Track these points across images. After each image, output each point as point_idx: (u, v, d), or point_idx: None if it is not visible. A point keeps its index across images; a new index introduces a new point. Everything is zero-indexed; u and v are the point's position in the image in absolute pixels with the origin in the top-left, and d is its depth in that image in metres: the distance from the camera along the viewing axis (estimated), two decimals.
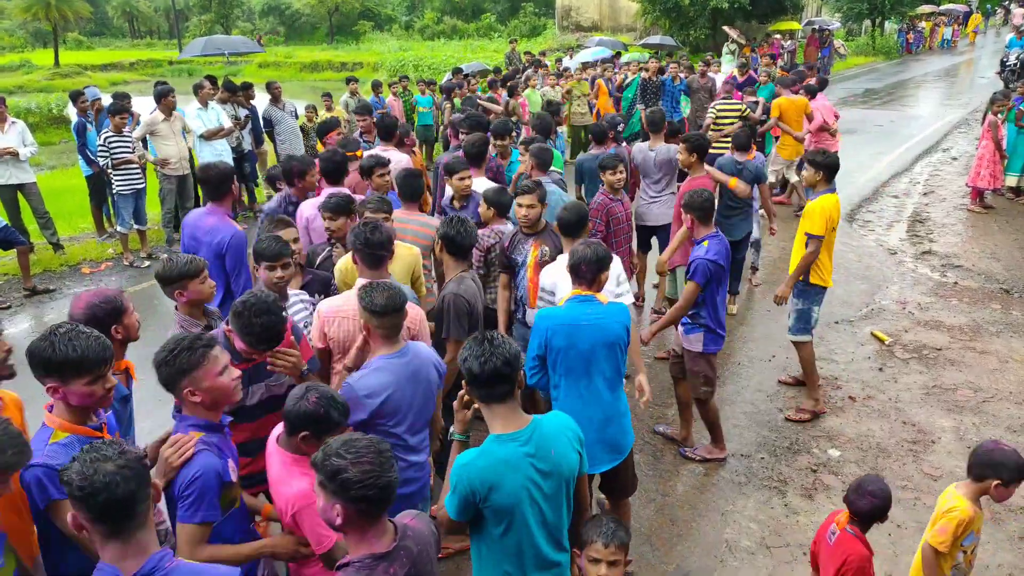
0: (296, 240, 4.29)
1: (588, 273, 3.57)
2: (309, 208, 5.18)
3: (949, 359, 6.51)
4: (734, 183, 6.50)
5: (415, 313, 3.61)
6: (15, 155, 8.37)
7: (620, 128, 7.97)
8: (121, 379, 3.15)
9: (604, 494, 4.01)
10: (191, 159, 9.37)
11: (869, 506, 3.13)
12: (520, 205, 4.74)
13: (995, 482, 3.16)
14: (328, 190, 5.18)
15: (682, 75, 13.39)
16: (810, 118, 9.98)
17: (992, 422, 5.55)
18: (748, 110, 10.10)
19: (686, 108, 13.19)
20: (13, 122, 8.65)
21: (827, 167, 5.38)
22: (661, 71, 13.51)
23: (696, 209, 4.78)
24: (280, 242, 3.79)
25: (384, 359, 3.12)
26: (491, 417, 2.56)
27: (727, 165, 6.84)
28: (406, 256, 4.44)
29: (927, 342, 6.81)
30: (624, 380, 3.76)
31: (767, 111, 10.42)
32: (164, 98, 8.92)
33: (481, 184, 5.68)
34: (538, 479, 2.52)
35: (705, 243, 4.72)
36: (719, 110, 9.97)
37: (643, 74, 13.41)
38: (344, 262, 4.20)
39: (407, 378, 3.14)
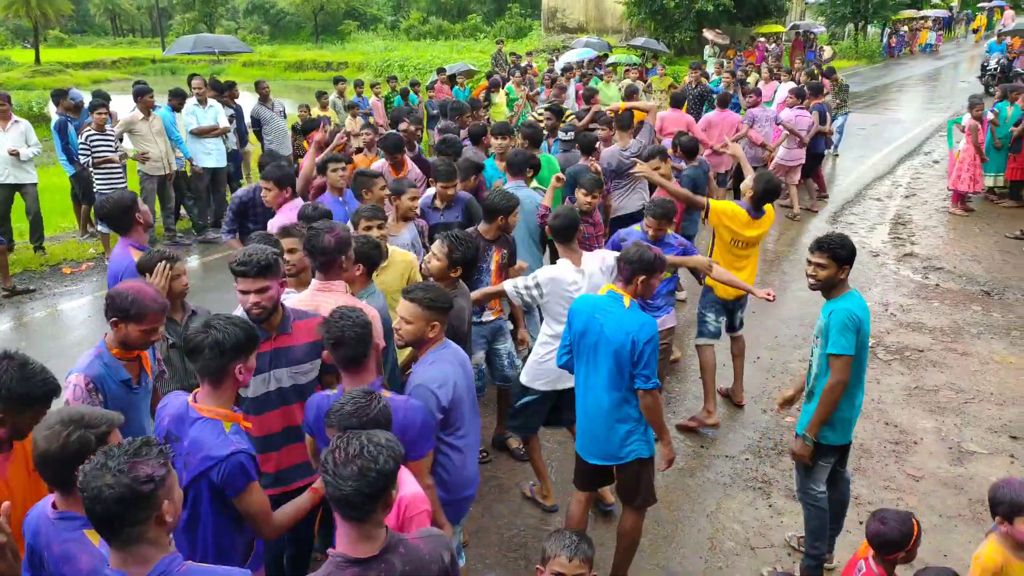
0: (297, 250, 3.96)
1: (625, 271, 3.59)
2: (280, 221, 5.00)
3: (931, 360, 6.57)
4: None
5: (371, 313, 3.55)
6: (16, 155, 8.29)
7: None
8: (132, 367, 3.16)
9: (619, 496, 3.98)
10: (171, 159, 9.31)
11: (873, 532, 2.96)
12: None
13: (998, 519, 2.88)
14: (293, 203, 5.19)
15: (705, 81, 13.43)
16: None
17: (973, 423, 5.60)
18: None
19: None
20: (16, 121, 8.56)
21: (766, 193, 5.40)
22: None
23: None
24: (270, 246, 3.73)
25: (435, 352, 3.19)
26: None
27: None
28: (400, 262, 4.42)
29: (909, 343, 6.87)
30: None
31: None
32: (141, 97, 8.88)
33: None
34: None
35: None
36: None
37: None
38: None
39: (461, 365, 3.24)
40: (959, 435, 5.45)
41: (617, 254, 3.85)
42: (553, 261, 6.43)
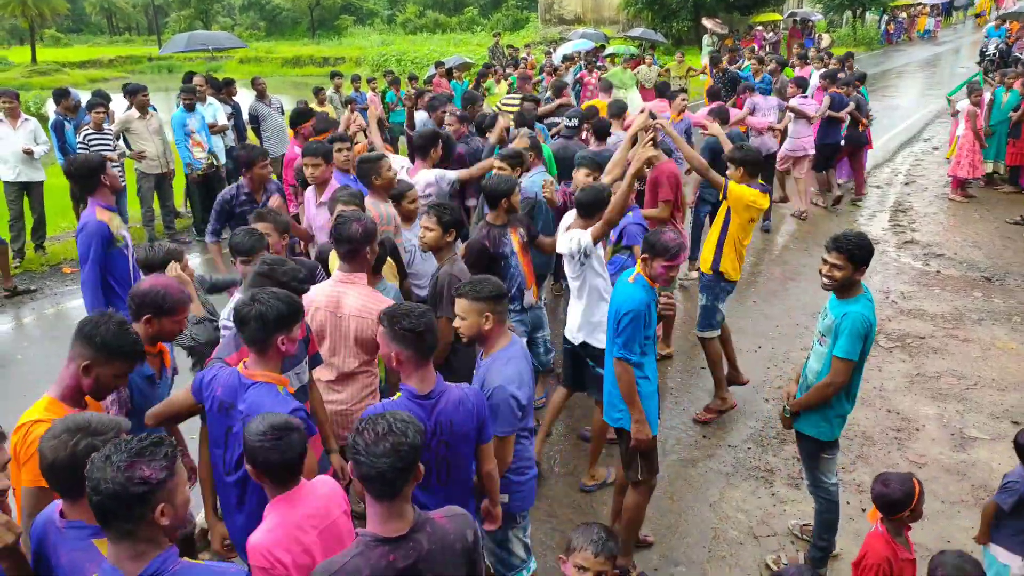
0: (272, 234, 4.13)
1: (642, 250, 3.77)
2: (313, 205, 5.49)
3: (932, 347, 6.57)
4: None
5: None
6: (30, 154, 8.32)
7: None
8: (155, 362, 3.23)
9: None
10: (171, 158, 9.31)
11: (877, 494, 3.11)
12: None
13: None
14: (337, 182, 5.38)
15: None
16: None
17: (975, 409, 5.61)
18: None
19: None
20: (26, 119, 8.57)
21: (746, 162, 5.34)
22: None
23: None
24: (255, 236, 3.80)
25: (506, 351, 3.19)
26: None
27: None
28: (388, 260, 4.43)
29: (910, 331, 6.87)
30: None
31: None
32: (135, 96, 8.90)
33: (425, 176, 5.66)
34: None
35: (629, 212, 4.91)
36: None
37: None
38: (334, 254, 4.20)
39: (527, 359, 3.27)
40: (961, 421, 5.45)
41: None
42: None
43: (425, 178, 5.60)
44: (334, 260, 4.13)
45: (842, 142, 10.44)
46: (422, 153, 5.83)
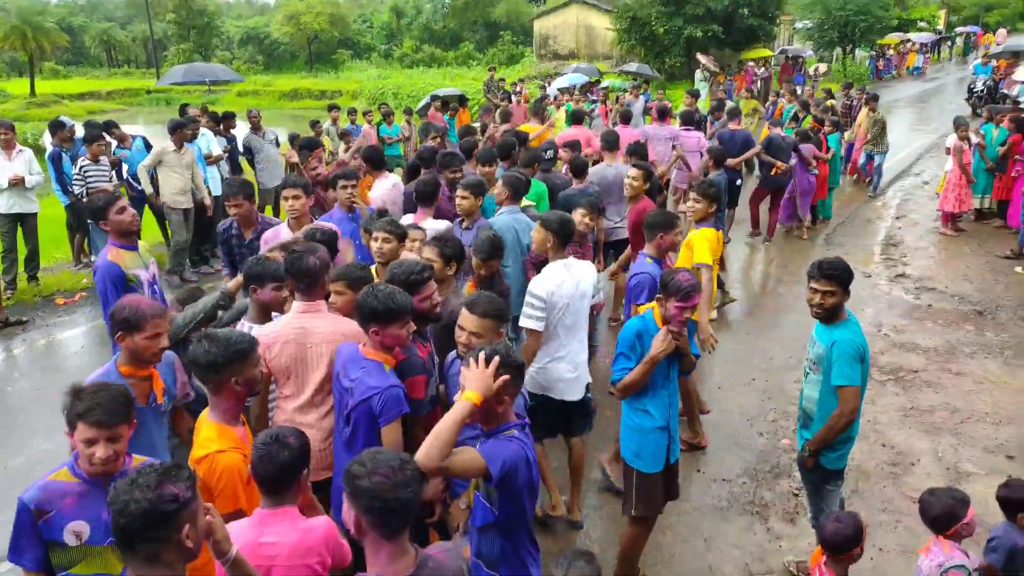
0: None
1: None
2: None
3: (925, 381, 6.57)
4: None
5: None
6: (22, 182, 8.32)
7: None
8: (141, 387, 3.25)
9: None
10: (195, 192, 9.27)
11: (832, 532, 3.16)
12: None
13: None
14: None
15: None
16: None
17: (969, 443, 5.60)
18: None
19: None
20: (21, 150, 8.59)
21: (717, 199, 5.55)
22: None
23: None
24: (276, 263, 3.84)
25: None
26: None
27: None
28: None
29: (903, 364, 6.88)
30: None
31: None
32: (178, 131, 8.86)
33: (434, 225, 5.55)
34: None
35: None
36: None
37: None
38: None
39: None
40: (956, 456, 5.44)
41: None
42: None
43: (435, 227, 5.55)
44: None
45: (739, 181, 9.72)
46: (427, 202, 5.77)
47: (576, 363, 4.42)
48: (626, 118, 10.20)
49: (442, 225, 5.56)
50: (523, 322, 4.27)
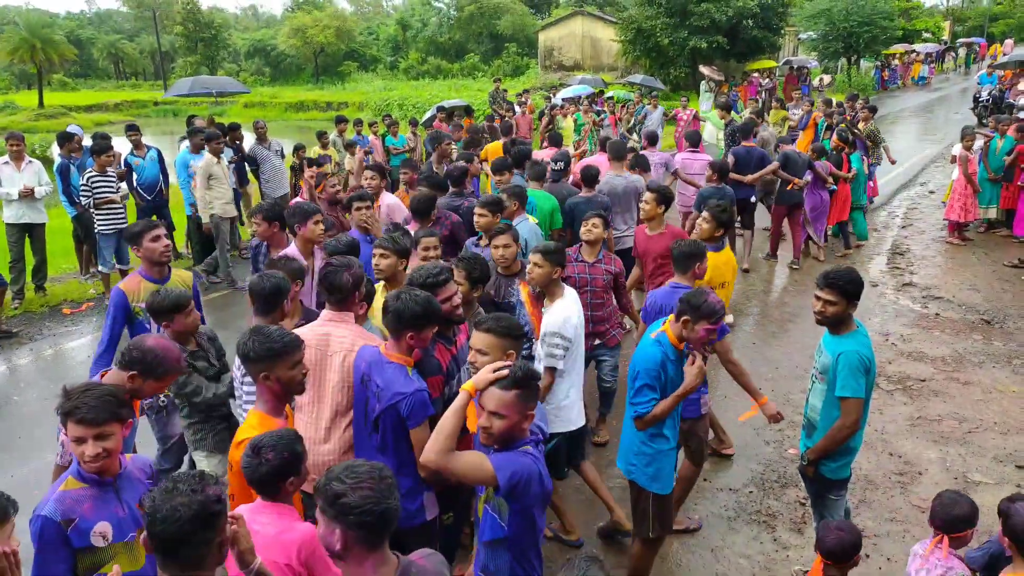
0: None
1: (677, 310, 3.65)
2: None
3: (933, 390, 6.53)
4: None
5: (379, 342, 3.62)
6: (31, 193, 8.40)
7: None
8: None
9: None
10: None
11: (835, 541, 3.15)
12: (496, 246, 4.78)
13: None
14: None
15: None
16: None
17: (978, 453, 5.56)
18: None
19: None
20: (30, 161, 8.68)
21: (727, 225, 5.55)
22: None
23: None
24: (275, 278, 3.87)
25: None
26: None
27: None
28: (379, 295, 4.42)
29: (911, 373, 6.84)
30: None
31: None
32: (212, 142, 8.96)
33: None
34: None
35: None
36: None
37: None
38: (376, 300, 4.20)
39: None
40: (964, 465, 5.40)
41: None
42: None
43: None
44: None
45: (753, 198, 9.47)
46: (422, 217, 5.78)
47: (580, 389, 4.41)
48: (652, 140, 9.93)
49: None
50: (548, 363, 4.16)
